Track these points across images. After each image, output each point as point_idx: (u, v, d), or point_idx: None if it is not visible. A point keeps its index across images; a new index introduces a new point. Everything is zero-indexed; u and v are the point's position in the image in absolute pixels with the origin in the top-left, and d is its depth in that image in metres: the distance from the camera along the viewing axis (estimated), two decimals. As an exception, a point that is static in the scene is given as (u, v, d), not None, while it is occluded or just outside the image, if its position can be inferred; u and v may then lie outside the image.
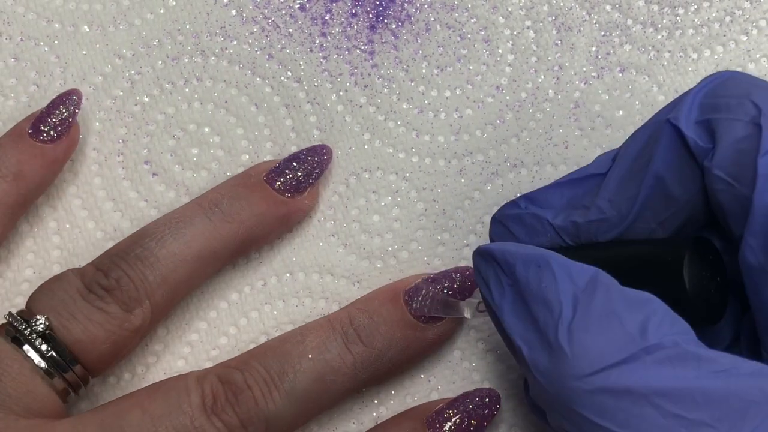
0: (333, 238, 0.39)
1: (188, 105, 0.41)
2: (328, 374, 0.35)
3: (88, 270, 0.35)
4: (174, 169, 0.40)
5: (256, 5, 0.42)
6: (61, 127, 0.38)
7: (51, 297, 0.35)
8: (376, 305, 0.36)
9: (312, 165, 0.38)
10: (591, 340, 0.27)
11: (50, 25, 0.41)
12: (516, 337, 0.29)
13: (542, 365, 0.28)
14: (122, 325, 0.35)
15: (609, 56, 0.41)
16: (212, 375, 0.34)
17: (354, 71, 0.41)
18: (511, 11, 0.41)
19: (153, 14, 0.41)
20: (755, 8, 0.41)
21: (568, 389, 0.27)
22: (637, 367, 0.27)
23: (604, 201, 0.32)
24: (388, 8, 0.42)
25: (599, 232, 0.32)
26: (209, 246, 0.36)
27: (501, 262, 0.31)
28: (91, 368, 0.35)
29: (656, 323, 0.27)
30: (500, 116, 0.40)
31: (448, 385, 0.38)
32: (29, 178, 0.37)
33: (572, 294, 0.28)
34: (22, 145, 0.37)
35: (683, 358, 0.27)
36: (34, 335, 0.34)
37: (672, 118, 0.31)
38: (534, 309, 0.29)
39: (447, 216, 0.40)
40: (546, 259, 0.29)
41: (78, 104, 0.38)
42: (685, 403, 0.26)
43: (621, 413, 0.27)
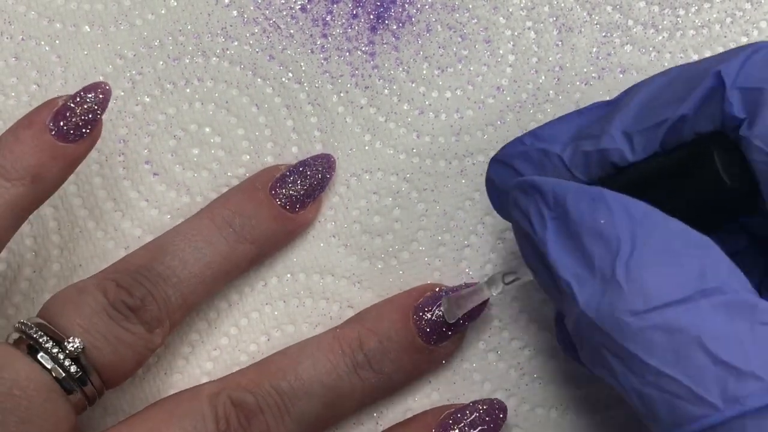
0: (334, 238, 0.39)
1: (189, 105, 0.41)
2: (337, 400, 0.35)
3: (111, 287, 0.34)
4: (175, 169, 0.40)
5: (257, 6, 0.42)
6: (85, 126, 0.35)
7: (77, 314, 0.33)
8: (386, 327, 0.36)
9: (315, 179, 0.38)
10: (649, 277, 0.27)
11: (51, 25, 0.41)
12: (563, 272, 0.29)
13: (594, 300, 0.28)
14: (146, 346, 0.34)
15: (610, 57, 0.41)
16: (225, 396, 0.34)
17: (355, 72, 0.41)
18: (512, 12, 0.41)
19: (154, 15, 0.41)
20: (756, 9, 0.41)
21: (620, 324, 0.27)
22: (693, 308, 0.26)
23: (616, 130, 0.31)
24: (389, 9, 0.42)
25: (610, 161, 0.31)
26: (225, 267, 0.36)
27: (547, 194, 0.30)
28: (110, 384, 0.34)
29: (715, 267, 0.27)
30: (501, 117, 0.41)
31: (448, 385, 0.38)
32: (47, 180, 0.34)
33: (630, 228, 0.28)
34: (42, 144, 0.34)
35: (740, 306, 0.26)
36: (62, 356, 0.32)
37: (722, 71, 0.30)
38: (587, 243, 0.28)
39: (448, 217, 0.40)
40: (600, 193, 0.29)
41: (106, 99, 0.35)
42: (737, 351, 0.26)
43: (671, 353, 0.26)
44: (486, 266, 0.39)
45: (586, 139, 0.32)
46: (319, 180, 0.38)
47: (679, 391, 0.26)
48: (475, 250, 0.39)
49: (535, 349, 0.38)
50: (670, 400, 0.27)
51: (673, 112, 0.30)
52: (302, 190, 0.38)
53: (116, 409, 0.38)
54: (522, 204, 0.31)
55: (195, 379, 0.38)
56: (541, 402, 0.37)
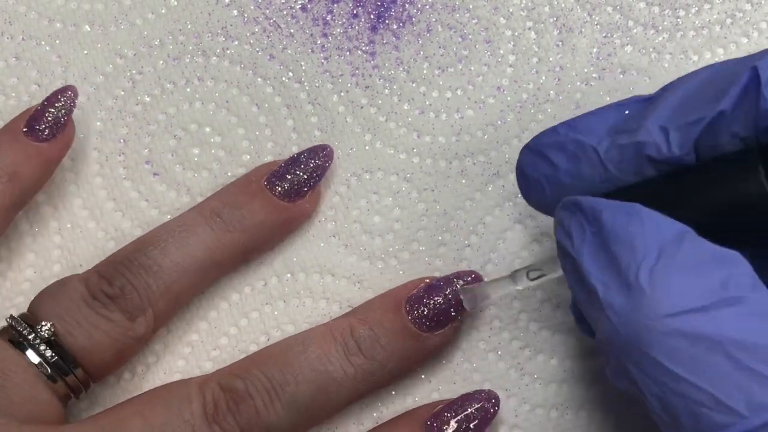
0: (334, 238, 0.39)
1: (189, 105, 0.41)
2: (329, 385, 0.35)
3: (92, 277, 0.35)
4: (175, 169, 0.40)
5: (257, 6, 0.42)
6: (56, 126, 0.37)
7: (55, 303, 0.35)
8: (377, 315, 0.36)
9: (313, 168, 0.38)
10: (672, 284, 0.27)
11: (52, 25, 0.41)
12: (592, 278, 0.29)
13: (617, 305, 0.28)
14: (126, 333, 0.35)
15: (610, 57, 0.41)
16: (213, 382, 0.34)
17: (355, 72, 0.41)
18: (512, 12, 0.41)
19: (154, 14, 0.41)
20: (756, 10, 0.41)
21: (642, 328, 0.27)
22: (716, 315, 0.26)
23: (654, 125, 0.31)
24: (390, 9, 0.42)
25: (646, 155, 0.31)
26: (211, 255, 0.36)
27: (587, 209, 0.30)
28: (94, 374, 0.35)
29: (740, 279, 0.27)
30: (501, 117, 0.41)
31: (448, 385, 0.38)
32: (25, 178, 0.37)
33: (658, 243, 0.28)
34: (17, 145, 0.37)
35: (764, 314, 0.26)
36: (38, 341, 0.34)
37: (760, 67, 0.30)
38: (617, 251, 0.28)
39: (448, 216, 0.40)
40: (635, 208, 0.29)
41: (73, 101, 0.38)
42: (762, 357, 0.26)
43: (693, 360, 0.26)
44: (486, 266, 0.39)
45: (622, 133, 0.32)
46: (314, 168, 0.38)
47: (703, 399, 0.26)
48: (475, 250, 0.39)
49: (535, 350, 0.38)
50: (693, 409, 0.26)
51: (712, 109, 0.30)
52: (298, 180, 0.38)
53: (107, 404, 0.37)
54: (565, 221, 0.31)
55: (195, 378, 0.38)
56: (541, 402, 0.38)
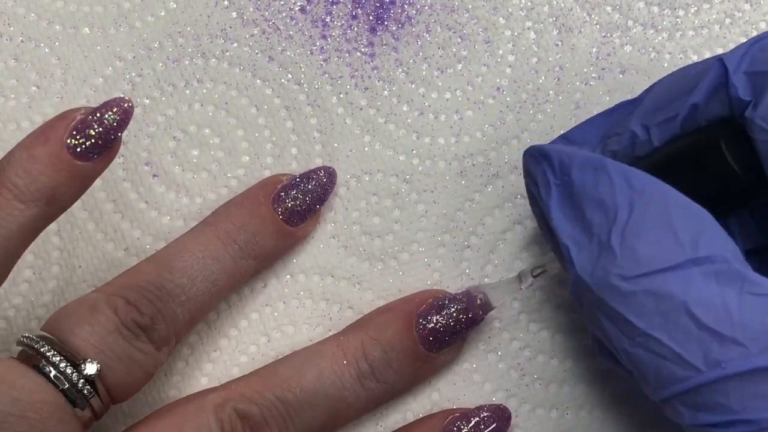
0: (333, 239, 0.39)
1: (189, 107, 0.41)
2: (341, 410, 0.35)
3: (121, 304, 0.33)
4: (174, 171, 0.40)
5: (256, 7, 0.42)
6: (105, 144, 0.32)
7: (93, 334, 0.32)
8: (390, 336, 0.36)
9: (317, 194, 0.38)
10: (642, 244, 0.28)
11: (51, 27, 0.41)
12: (563, 236, 0.30)
13: (589, 264, 0.29)
14: (154, 364, 0.34)
15: (610, 57, 0.41)
16: (230, 408, 0.34)
17: (354, 73, 0.41)
18: (511, 12, 0.41)
19: (154, 16, 0.41)
20: (755, 10, 0.41)
21: (611, 288, 0.28)
22: (683, 275, 0.28)
23: (636, 125, 0.33)
24: (389, 10, 0.42)
25: (635, 156, 0.33)
26: (230, 283, 0.36)
27: (555, 162, 0.31)
28: (117, 401, 0.34)
29: (708, 237, 0.28)
30: (501, 117, 0.40)
31: (448, 386, 0.38)
32: (62, 201, 0.32)
33: (629, 198, 0.29)
34: (59, 164, 0.32)
35: (729, 275, 0.27)
36: (79, 378, 0.32)
37: (725, 58, 0.31)
38: (587, 210, 0.30)
39: (447, 218, 0.39)
40: (603, 163, 0.30)
41: (128, 114, 0.33)
42: (722, 318, 0.27)
43: (658, 317, 0.28)
44: (486, 267, 0.39)
45: (612, 138, 0.33)
46: (320, 194, 0.38)
47: (665, 353, 0.28)
48: (475, 251, 0.39)
49: (535, 350, 0.38)
50: (656, 362, 0.28)
51: (685, 103, 0.32)
52: (303, 205, 0.38)
53: (115, 410, 0.37)
54: (531, 170, 0.32)
55: (195, 380, 0.38)
56: (541, 402, 0.37)
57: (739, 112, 0.31)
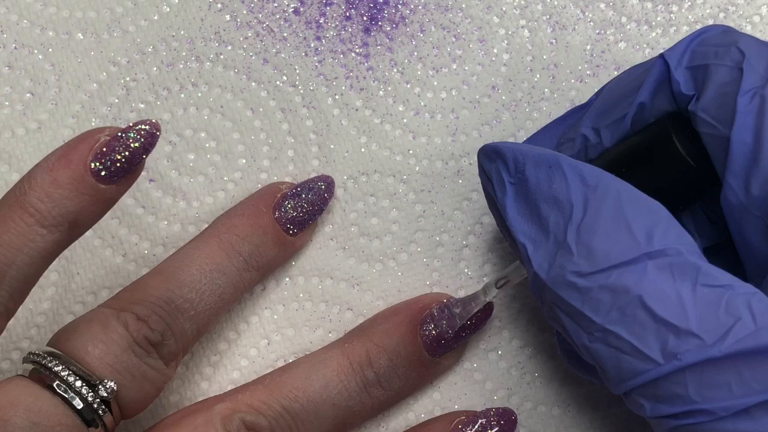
0: (332, 241, 0.39)
1: (184, 110, 0.41)
2: (348, 419, 0.35)
3: (131, 320, 0.33)
4: (171, 175, 0.40)
5: (250, 10, 0.42)
6: (129, 168, 0.31)
7: (106, 352, 0.32)
8: (395, 344, 0.36)
9: (317, 204, 0.38)
10: (598, 241, 0.29)
11: (44, 33, 0.41)
12: (519, 235, 0.30)
13: (546, 263, 0.29)
14: (164, 380, 0.34)
15: (604, 54, 0.41)
16: (237, 419, 0.33)
17: (349, 74, 0.41)
18: (505, 11, 0.41)
19: (147, 21, 0.41)
20: (749, 4, 0.41)
21: (568, 285, 0.29)
22: (637, 269, 0.28)
23: (587, 129, 0.33)
24: (382, 10, 0.42)
25: (589, 159, 0.33)
26: (235, 296, 0.36)
27: (509, 159, 0.31)
28: (128, 416, 0.33)
29: (663, 231, 0.28)
30: (497, 116, 0.40)
31: (450, 385, 0.38)
32: (83, 225, 0.32)
33: (583, 194, 0.29)
34: (83, 188, 0.31)
35: (683, 267, 0.28)
36: (94, 398, 0.31)
37: (666, 55, 0.32)
38: (542, 208, 0.30)
39: (445, 217, 0.39)
40: (557, 159, 0.30)
41: (154, 137, 0.32)
42: (676, 310, 0.27)
43: (615, 311, 0.28)
44: (485, 266, 0.39)
45: (565, 143, 0.34)
46: (319, 204, 0.38)
47: (624, 347, 0.28)
48: (473, 251, 0.39)
49: (536, 348, 0.38)
50: (616, 356, 0.28)
51: (632, 102, 0.32)
52: (303, 215, 0.38)
53: (117, 416, 0.37)
54: (486, 168, 0.32)
55: (195, 384, 0.38)
56: (542, 400, 0.37)
57: (684, 106, 0.31)
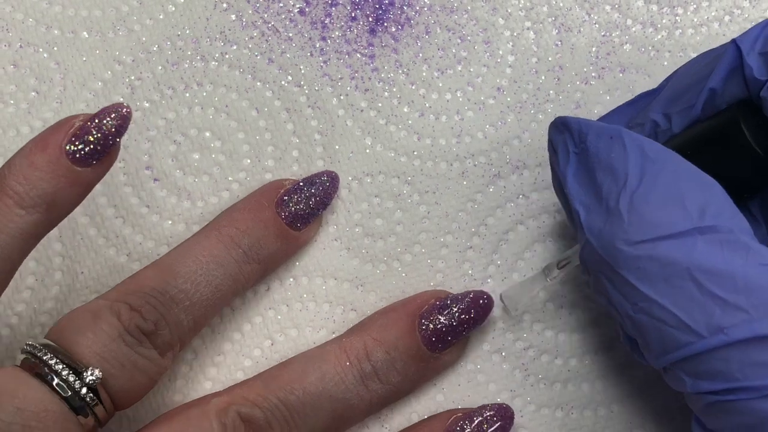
0: (336, 242, 0.39)
1: (189, 110, 0.41)
2: (345, 412, 0.35)
3: (124, 310, 0.33)
4: (175, 175, 0.40)
5: (255, 10, 0.42)
6: (103, 150, 0.33)
7: (95, 341, 0.32)
8: (393, 338, 0.36)
9: (320, 198, 0.38)
10: (650, 211, 0.28)
11: (49, 32, 0.41)
12: (575, 201, 0.31)
13: (597, 228, 0.29)
14: (158, 370, 0.34)
15: (609, 56, 0.41)
16: (233, 412, 0.33)
17: (354, 75, 0.41)
18: (510, 12, 0.41)
19: (152, 20, 0.41)
20: (754, 7, 0.41)
21: (617, 252, 0.29)
22: (687, 242, 0.28)
23: (657, 114, 0.33)
24: (388, 12, 0.42)
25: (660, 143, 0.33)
26: (234, 288, 0.36)
27: (574, 130, 0.32)
28: (121, 408, 0.33)
29: (716, 208, 0.28)
30: (501, 118, 0.40)
31: (453, 387, 0.38)
32: (62, 207, 0.33)
33: (640, 165, 0.29)
34: (59, 170, 0.32)
35: (734, 244, 0.28)
36: (82, 386, 0.31)
37: (738, 41, 0.31)
38: (599, 176, 0.30)
39: (450, 218, 0.39)
40: (619, 131, 0.30)
41: (126, 121, 0.33)
42: (726, 284, 0.27)
43: (662, 282, 0.28)
44: (489, 268, 0.39)
45: (634, 128, 0.34)
46: (323, 198, 0.38)
47: (668, 319, 0.28)
48: (477, 252, 0.39)
49: (539, 350, 0.38)
50: (659, 327, 0.28)
51: (703, 88, 0.32)
52: (306, 209, 0.38)
53: (119, 415, 0.37)
54: (553, 140, 0.33)
55: (198, 384, 0.38)
56: (546, 402, 0.37)
57: (756, 92, 0.31)
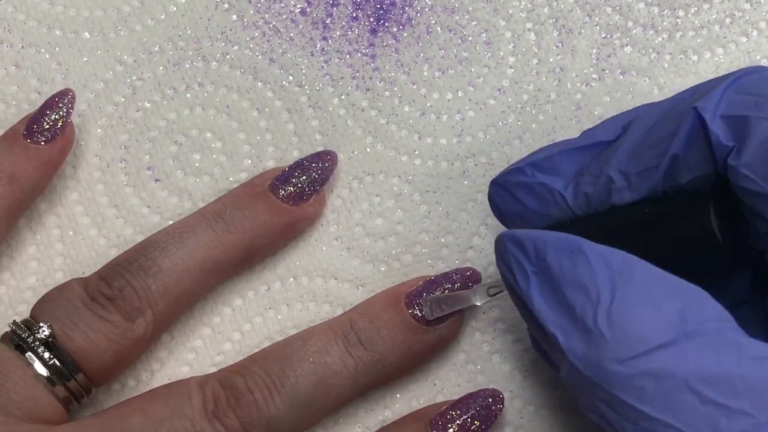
0: (336, 241, 0.39)
1: (190, 110, 0.41)
2: (329, 378, 0.35)
3: (92, 279, 0.35)
4: (176, 175, 0.40)
5: (256, 10, 0.42)
6: (55, 128, 0.37)
7: (54, 305, 0.35)
8: (377, 309, 0.36)
9: (316, 172, 0.38)
10: (631, 325, 0.27)
11: (51, 32, 0.41)
12: (549, 325, 0.29)
13: (580, 351, 0.28)
14: (125, 335, 0.35)
15: (610, 58, 0.41)
16: (213, 379, 0.34)
17: (355, 75, 0.41)
18: (512, 14, 0.41)
19: (154, 20, 0.41)
20: (755, 10, 0.41)
21: (607, 373, 0.27)
22: (678, 351, 0.27)
23: (614, 171, 0.32)
24: (389, 12, 0.42)
25: (611, 202, 0.32)
26: (212, 256, 0.36)
27: (529, 248, 0.30)
28: (94, 377, 0.35)
29: (696, 310, 0.27)
30: (502, 118, 0.41)
31: (453, 387, 0.38)
32: (24, 180, 0.37)
33: (609, 278, 0.28)
34: (16, 147, 0.37)
35: (724, 344, 0.27)
36: (36, 343, 0.34)
37: (699, 108, 0.30)
38: (569, 295, 0.29)
39: (450, 218, 0.40)
40: (578, 245, 0.29)
41: (72, 103, 0.38)
42: (726, 390, 0.26)
43: (661, 398, 0.27)
44: (489, 268, 0.39)
45: (586, 177, 0.32)
46: (319, 172, 0.38)
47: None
48: (478, 252, 0.39)
49: (539, 351, 0.38)
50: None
51: (664, 152, 0.31)
52: (301, 183, 0.38)
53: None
54: (505, 258, 0.31)
55: (199, 384, 0.38)
56: (546, 403, 0.37)
57: (722, 159, 0.30)
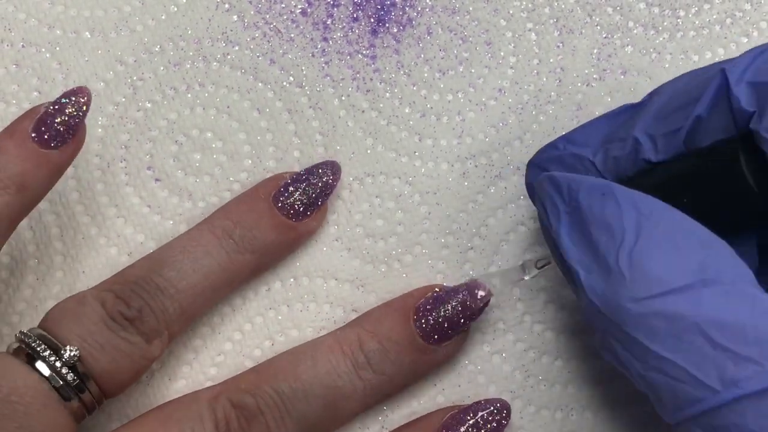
0: (337, 242, 0.39)
1: (190, 110, 0.41)
2: (338, 401, 0.35)
3: (109, 298, 0.34)
4: (177, 175, 0.40)
5: (257, 10, 0.42)
6: (68, 131, 0.35)
7: (76, 324, 0.34)
8: (386, 329, 0.36)
9: (321, 187, 0.38)
10: (651, 266, 0.28)
11: (52, 32, 0.41)
12: (573, 262, 0.30)
13: (599, 288, 0.29)
14: (144, 355, 0.34)
15: (611, 58, 0.41)
16: (224, 398, 0.34)
17: (356, 76, 0.41)
18: (512, 14, 0.41)
19: (155, 20, 0.41)
20: (756, 10, 0.41)
21: (622, 311, 0.28)
22: (693, 295, 0.27)
23: (641, 133, 0.32)
24: (390, 13, 0.42)
25: (639, 163, 0.33)
26: (225, 278, 0.36)
27: (563, 188, 0.31)
28: (108, 393, 0.34)
29: (716, 260, 0.28)
30: (503, 119, 0.41)
31: (453, 388, 0.38)
32: (33, 188, 0.35)
33: (636, 221, 0.29)
34: (25, 152, 0.34)
35: (740, 295, 0.27)
36: (61, 364, 0.33)
37: (726, 69, 0.31)
38: (595, 234, 0.30)
39: (451, 219, 0.40)
40: (610, 187, 0.30)
41: (87, 104, 0.35)
42: (736, 337, 0.27)
43: (671, 338, 0.27)
44: (490, 268, 0.39)
45: (614, 143, 0.33)
46: (322, 187, 0.38)
47: (680, 375, 0.27)
48: (478, 253, 0.39)
49: (540, 352, 0.38)
50: (672, 384, 0.28)
51: (689, 115, 0.31)
52: (305, 199, 0.38)
53: (120, 414, 0.37)
54: (542, 198, 0.32)
55: (199, 384, 0.38)
56: (546, 404, 0.37)
57: (743, 123, 0.30)
